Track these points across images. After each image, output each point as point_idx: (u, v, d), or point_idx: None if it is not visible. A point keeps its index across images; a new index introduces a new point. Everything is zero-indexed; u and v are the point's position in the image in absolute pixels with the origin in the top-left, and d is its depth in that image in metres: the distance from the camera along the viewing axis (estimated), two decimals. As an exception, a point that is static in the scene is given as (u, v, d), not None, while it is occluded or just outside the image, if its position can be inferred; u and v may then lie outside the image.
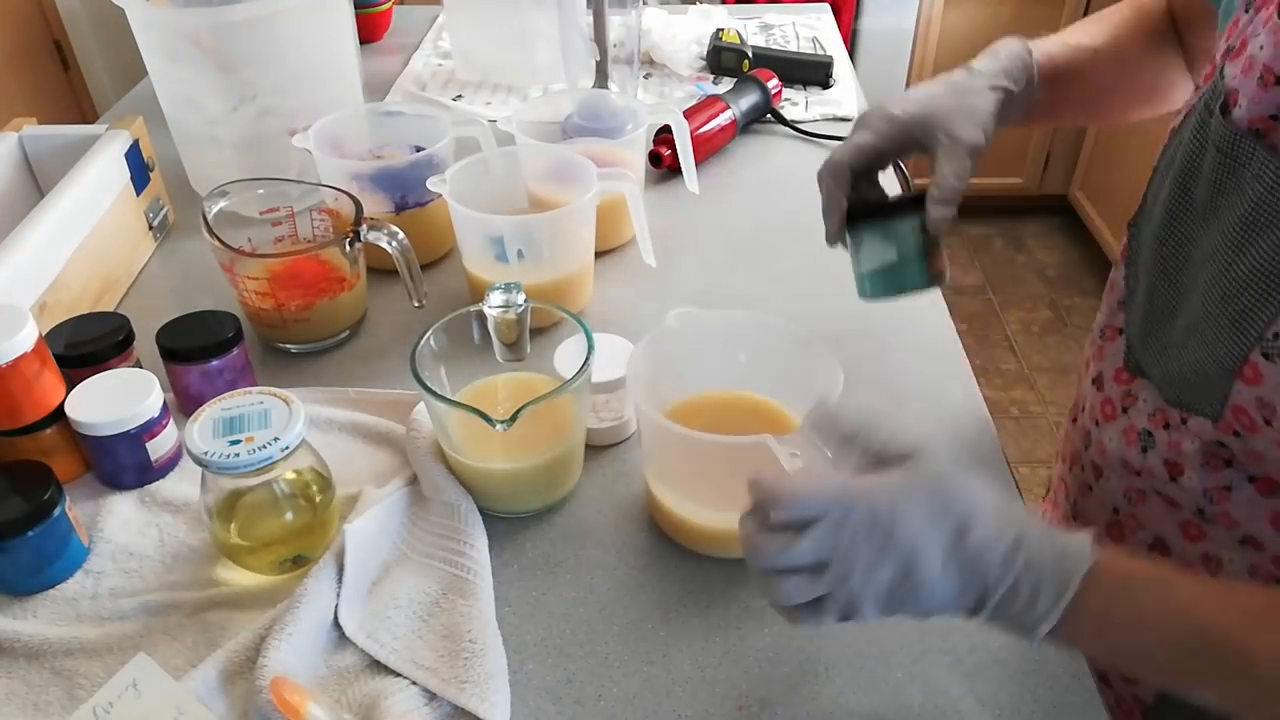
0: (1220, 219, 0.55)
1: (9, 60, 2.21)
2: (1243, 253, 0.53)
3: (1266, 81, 0.51)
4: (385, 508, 0.66)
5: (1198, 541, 0.63)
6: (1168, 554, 0.65)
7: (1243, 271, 0.52)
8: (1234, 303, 0.53)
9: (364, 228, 0.80)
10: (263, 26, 0.94)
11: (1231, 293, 0.53)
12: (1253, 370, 0.53)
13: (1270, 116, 0.51)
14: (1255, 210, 0.52)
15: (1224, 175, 0.54)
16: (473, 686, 0.55)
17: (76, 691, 0.57)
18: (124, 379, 0.69)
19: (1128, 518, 0.67)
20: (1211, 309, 0.55)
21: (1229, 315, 0.54)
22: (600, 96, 1.01)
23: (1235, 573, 0.62)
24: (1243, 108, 0.53)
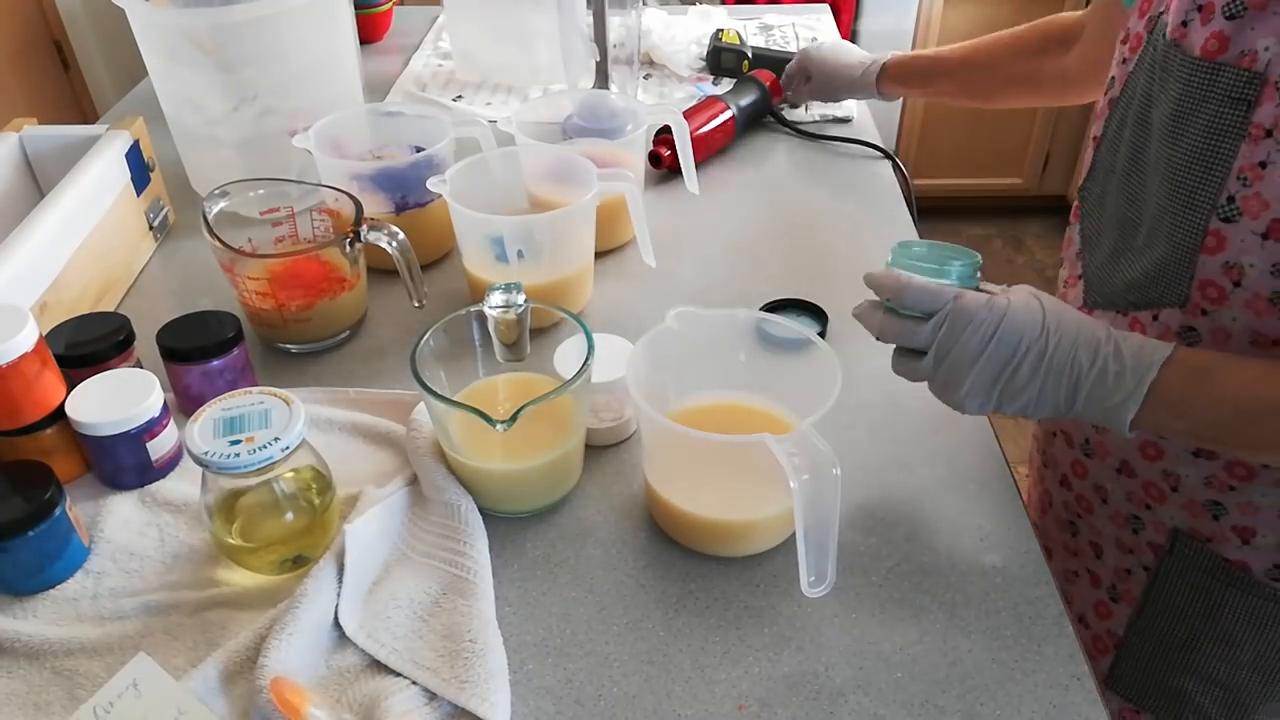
0: (1153, 128, 0.63)
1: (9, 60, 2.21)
2: (1178, 142, 0.61)
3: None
4: (385, 508, 0.66)
5: (1156, 460, 0.71)
6: (1134, 476, 0.73)
7: (1183, 158, 0.61)
8: (1182, 188, 0.61)
9: (364, 228, 0.80)
10: (263, 26, 0.94)
11: (1177, 181, 0.61)
12: (1215, 238, 0.60)
13: (1181, 24, 0.60)
14: (1179, 104, 0.60)
15: (1153, 86, 0.63)
16: (473, 686, 0.55)
17: (77, 691, 0.57)
18: (124, 379, 0.69)
19: (1095, 447, 0.76)
20: (1165, 201, 0.63)
21: (1181, 201, 0.61)
22: (600, 97, 1.01)
23: (1193, 485, 0.69)
24: (1168, 24, 0.61)
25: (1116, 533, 0.77)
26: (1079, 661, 0.59)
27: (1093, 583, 0.81)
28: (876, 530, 0.68)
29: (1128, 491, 0.74)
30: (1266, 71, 0.56)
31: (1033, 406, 0.59)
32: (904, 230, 1.02)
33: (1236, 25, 0.57)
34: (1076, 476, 0.79)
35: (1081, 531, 0.81)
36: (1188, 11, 0.60)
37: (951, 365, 0.60)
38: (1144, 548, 0.75)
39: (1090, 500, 0.79)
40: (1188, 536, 0.71)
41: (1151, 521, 0.73)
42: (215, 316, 0.76)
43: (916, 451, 0.74)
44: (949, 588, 0.64)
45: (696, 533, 0.66)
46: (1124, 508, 0.75)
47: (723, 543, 0.66)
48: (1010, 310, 0.59)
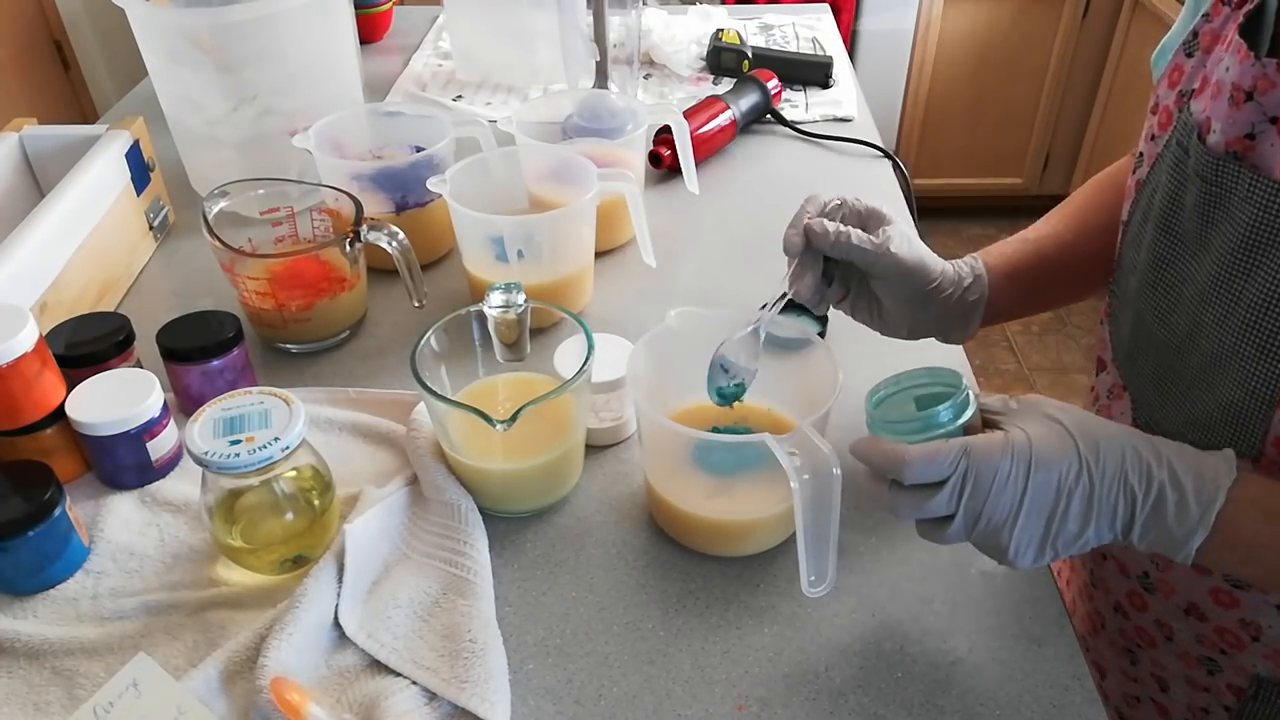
0: (1213, 249, 0.54)
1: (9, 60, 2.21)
2: (1251, 278, 0.51)
3: (1237, 100, 0.51)
4: (385, 508, 0.66)
5: (1231, 609, 0.62)
6: (1205, 620, 0.64)
7: (1257, 296, 0.51)
8: (1257, 330, 0.52)
9: (364, 228, 0.80)
10: (263, 26, 0.94)
11: (1251, 321, 0.52)
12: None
13: (1246, 136, 0.51)
14: (1253, 232, 0.51)
15: (1210, 204, 0.53)
16: (473, 686, 0.55)
17: (77, 691, 0.57)
18: (124, 379, 0.69)
19: (1157, 584, 0.66)
20: (1231, 342, 0.53)
21: (1255, 344, 0.52)
22: (600, 97, 1.01)
23: (1277, 636, 0.61)
24: (1218, 132, 0.52)
25: (1187, 671, 0.68)
26: (1079, 661, 0.59)
27: (1159, 712, 0.72)
28: (877, 530, 0.68)
29: (1198, 634, 0.65)
30: None
31: (1090, 545, 0.52)
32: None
33: None
34: (1134, 609, 0.69)
35: (1142, 662, 0.71)
36: (1255, 124, 0.51)
37: (988, 528, 0.51)
38: (1222, 689, 0.66)
39: (1153, 635, 0.69)
40: (1271, 684, 0.63)
41: (1230, 666, 0.65)
42: (215, 316, 0.76)
43: (916, 451, 0.74)
44: (949, 588, 0.64)
45: (696, 533, 0.66)
46: (1194, 649, 0.66)
47: (723, 543, 0.66)
48: (1035, 449, 0.50)
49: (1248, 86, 0.50)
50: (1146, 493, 0.49)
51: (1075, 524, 0.50)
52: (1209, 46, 0.57)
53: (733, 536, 0.65)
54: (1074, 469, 0.50)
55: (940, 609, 0.62)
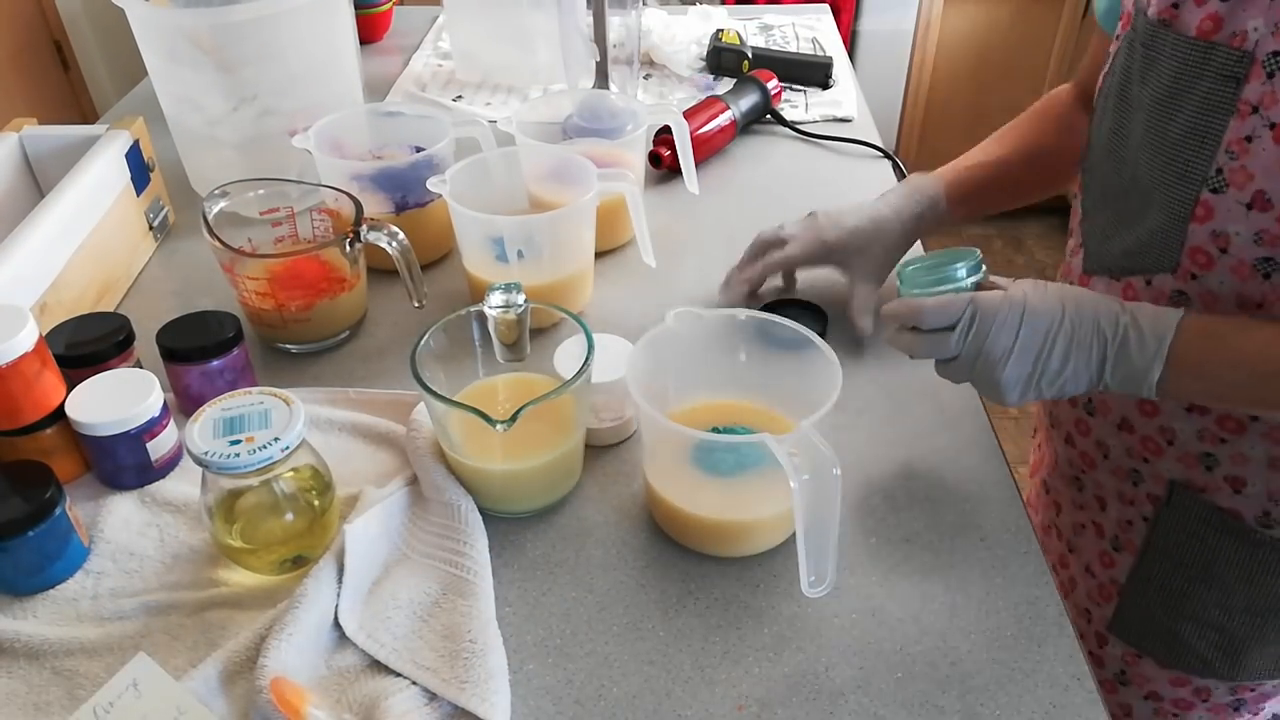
0: (1144, 103, 0.66)
1: (9, 60, 2.21)
2: (1173, 120, 0.64)
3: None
4: (385, 508, 0.66)
5: (1153, 417, 0.74)
6: (1133, 432, 0.76)
7: (1177, 134, 0.64)
8: (1176, 161, 0.64)
9: (364, 228, 0.80)
10: (263, 26, 0.94)
11: (1171, 154, 0.64)
12: (1204, 208, 0.64)
13: (1172, 5, 0.63)
14: (1175, 81, 0.63)
15: (1146, 66, 0.65)
16: (473, 686, 0.55)
17: (77, 691, 0.57)
18: (124, 379, 0.69)
19: (1096, 405, 0.79)
20: (1158, 175, 0.66)
21: (1174, 172, 0.65)
22: (600, 97, 1.01)
23: (1188, 438, 0.72)
24: (1153, 5, 0.64)
25: (1118, 486, 0.80)
26: (1079, 661, 0.59)
27: (1097, 534, 0.85)
28: (877, 530, 0.68)
29: (1127, 446, 0.77)
30: (1255, 50, 0.59)
31: (1069, 385, 0.64)
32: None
33: (1229, 6, 0.59)
34: (1080, 434, 0.83)
35: (1086, 486, 0.84)
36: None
37: (986, 364, 0.64)
38: (1143, 499, 0.78)
39: (1093, 456, 0.82)
40: (1183, 487, 0.74)
41: (1150, 474, 0.76)
42: (215, 316, 0.76)
43: (916, 452, 0.74)
44: (949, 588, 0.64)
45: (696, 533, 0.66)
46: (1124, 462, 0.78)
47: (723, 543, 0.66)
48: (1028, 301, 0.63)
49: None
50: (1114, 333, 0.62)
51: (1058, 362, 0.63)
52: None
53: (733, 537, 0.65)
54: (1058, 317, 0.63)
55: (940, 609, 0.62)
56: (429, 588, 0.62)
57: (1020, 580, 0.64)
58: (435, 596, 0.62)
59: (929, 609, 0.62)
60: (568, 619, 0.62)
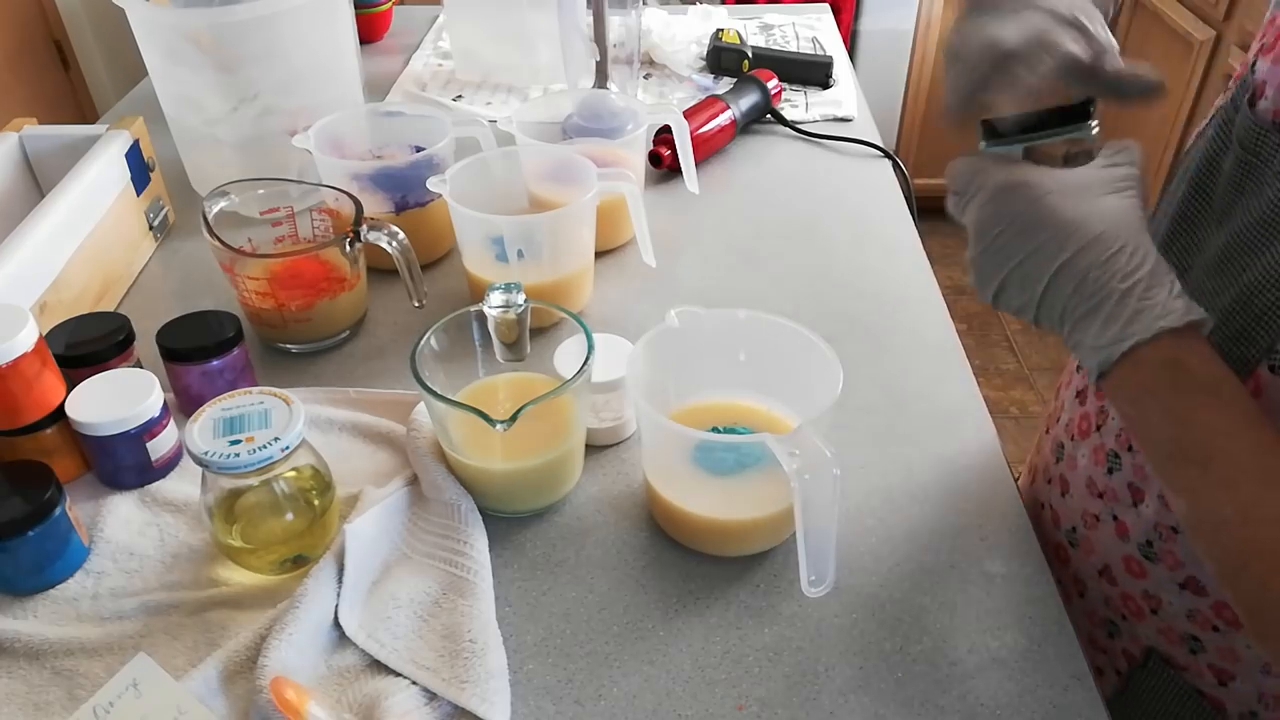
0: (1234, 221, 0.51)
1: (9, 60, 2.21)
2: (1257, 257, 0.49)
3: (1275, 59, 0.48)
4: (385, 508, 0.66)
5: (1139, 579, 0.63)
6: (1114, 585, 0.66)
7: (1255, 278, 0.49)
8: (1243, 312, 0.50)
9: (364, 228, 0.80)
10: (263, 26, 0.94)
11: (1241, 301, 0.50)
12: (1255, 384, 0.49)
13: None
14: (1273, 211, 0.48)
15: (1244, 173, 0.51)
16: (473, 686, 0.55)
17: (77, 691, 0.57)
18: (124, 379, 0.69)
19: (1081, 540, 0.68)
20: (1219, 319, 0.51)
21: (1236, 326, 0.50)
22: (600, 96, 1.01)
23: (1175, 614, 0.62)
24: (1269, 99, 0.49)
25: (1091, 629, 0.70)
26: (1079, 661, 0.59)
27: None
28: (876, 530, 0.68)
29: (1106, 596, 0.68)
30: None
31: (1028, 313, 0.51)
32: (904, 230, 1.02)
33: None
34: (1059, 562, 0.72)
35: None
36: None
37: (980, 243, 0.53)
38: (1118, 652, 0.69)
39: (1069, 590, 0.71)
40: (1162, 659, 0.65)
41: (1128, 632, 0.67)
42: (215, 316, 0.76)
43: (916, 452, 0.74)
44: (949, 588, 0.64)
45: (696, 533, 0.66)
46: (1101, 610, 0.69)
47: (723, 543, 0.66)
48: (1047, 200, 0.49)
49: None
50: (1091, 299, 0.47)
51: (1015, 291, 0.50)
52: None
53: (733, 536, 0.65)
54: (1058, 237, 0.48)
55: (940, 609, 0.62)
56: (429, 587, 0.62)
57: (1020, 580, 0.64)
58: (435, 596, 0.62)
59: (929, 609, 0.62)
60: (568, 619, 0.62)
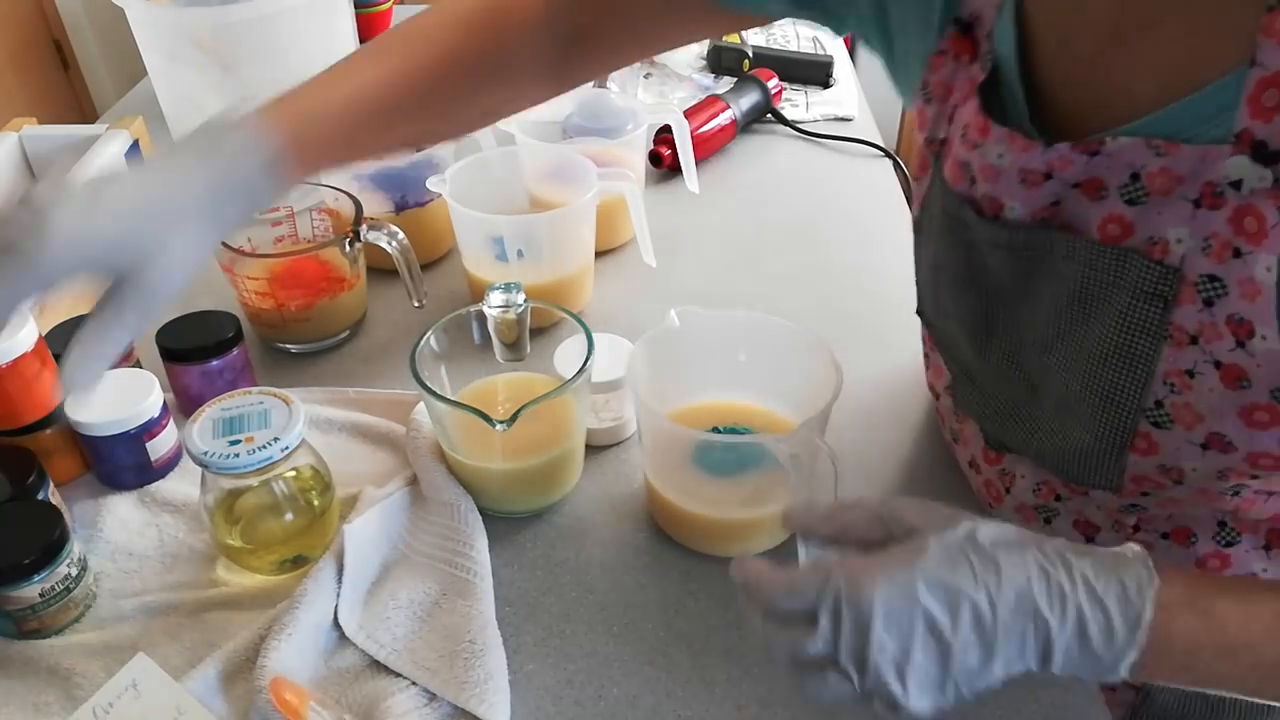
0: (1044, 302, 0.53)
1: (9, 60, 2.21)
2: (1088, 329, 0.51)
3: (1033, 181, 0.50)
4: (385, 508, 0.66)
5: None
6: None
7: (1095, 349, 0.50)
8: (1098, 382, 0.51)
9: (364, 228, 0.80)
10: (263, 26, 0.94)
11: (1093, 371, 0.51)
12: (1145, 441, 0.51)
13: (1051, 204, 0.50)
14: (1084, 287, 0.50)
15: (1028, 267, 0.53)
16: (472, 687, 0.55)
17: (76, 692, 0.57)
18: (124, 379, 0.69)
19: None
20: (1077, 390, 0.52)
21: (1099, 394, 0.51)
22: (600, 96, 1.01)
23: None
24: (1016, 209, 0.52)
25: None
26: (1080, 662, 0.59)
27: None
28: (877, 530, 0.67)
29: None
30: (1183, 268, 0.46)
31: (1001, 679, 0.45)
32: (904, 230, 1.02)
33: (1140, 211, 0.47)
34: None
35: None
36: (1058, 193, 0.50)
37: (876, 675, 0.42)
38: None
39: None
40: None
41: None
42: (215, 316, 0.76)
43: (917, 452, 0.74)
44: (949, 588, 0.63)
45: (697, 532, 0.66)
46: None
47: (723, 543, 0.66)
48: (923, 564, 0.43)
49: (1043, 169, 0.50)
50: (1063, 619, 0.43)
51: (975, 657, 0.43)
52: (943, 96, 0.57)
53: (733, 536, 0.65)
54: (971, 593, 0.42)
55: (941, 609, 0.62)
56: (429, 588, 0.62)
57: (1021, 580, 0.64)
58: (435, 597, 0.61)
59: (929, 609, 0.62)
60: (568, 619, 0.62)
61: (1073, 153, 0.48)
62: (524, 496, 0.69)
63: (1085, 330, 0.51)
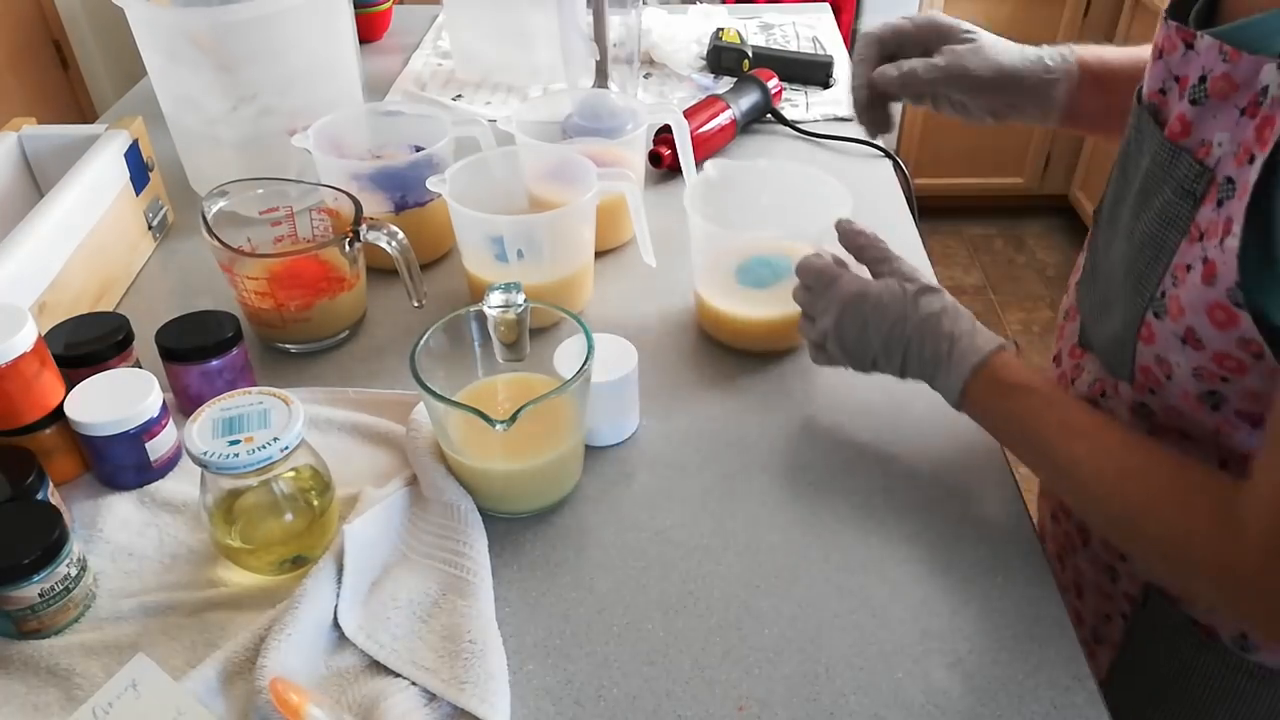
0: (1130, 188, 0.60)
1: (9, 60, 2.21)
2: (1138, 219, 0.57)
3: (1154, 57, 0.57)
4: (385, 508, 0.66)
5: None
6: None
7: (1139, 237, 0.57)
8: (1134, 267, 0.58)
9: (363, 228, 0.80)
10: (263, 26, 0.94)
11: (1132, 257, 0.58)
12: (1148, 330, 0.57)
13: (1159, 90, 0.56)
14: (1146, 178, 0.56)
15: (1136, 149, 0.59)
16: (473, 687, 0.55)
17: (75, 692, 0.57)
18: (123, 379, 0.69)
19: None
20: (1118, 276, 0.60)
21: (1132, 279, 0.58)
22: (600, 96, 1.01)
23: None
24: (1145, 84, 0.58)
25: (1096, 577, 0.74)
26: (1079, 661, 0.59)
27: (1077, 621, 0.75)
28: (877, 531, 0.68)
29: (1104, 541, 0.72)
30: (1216, 169, 0.51)
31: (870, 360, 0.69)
32: (904, 230, 1.02)
33: (1198, 112, 0.52)
34: (1063, 512, 0.77)
35: (1067, 569, 0.78)
36: (1164, 80, 0.56)
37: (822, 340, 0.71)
38: (1120, 597, 0.72)
39: (1074, 539, 0.76)
40: (1159, 593, 0.69)
41: (1126, 573, 0.71)
42: (214, 316, 0.76)
43: (916, 452, 0.74)
44: (950, 588, 0.63)
45: (737, 331, 0.83)
46: (1101, 555, 0.73)
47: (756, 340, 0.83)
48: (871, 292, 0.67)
49: (1159, 45, 0.55)
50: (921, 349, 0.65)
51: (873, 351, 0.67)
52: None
53: (762, 335, 0.82)
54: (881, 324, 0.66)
55: (940, 609, 0.62)
56: (428, 588, 0.62)
57: (1020, 580, 0.64)
58: (435, 597, 0.61)
59: (929, 609, 0.62)
60: (567, 619, 0.62)
61: (1176, 35, 0.54)
62: (524, 496, 0.69)
63: (1137, 220, 0.57)
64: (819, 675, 0.58)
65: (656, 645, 0.60)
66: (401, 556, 0.65)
